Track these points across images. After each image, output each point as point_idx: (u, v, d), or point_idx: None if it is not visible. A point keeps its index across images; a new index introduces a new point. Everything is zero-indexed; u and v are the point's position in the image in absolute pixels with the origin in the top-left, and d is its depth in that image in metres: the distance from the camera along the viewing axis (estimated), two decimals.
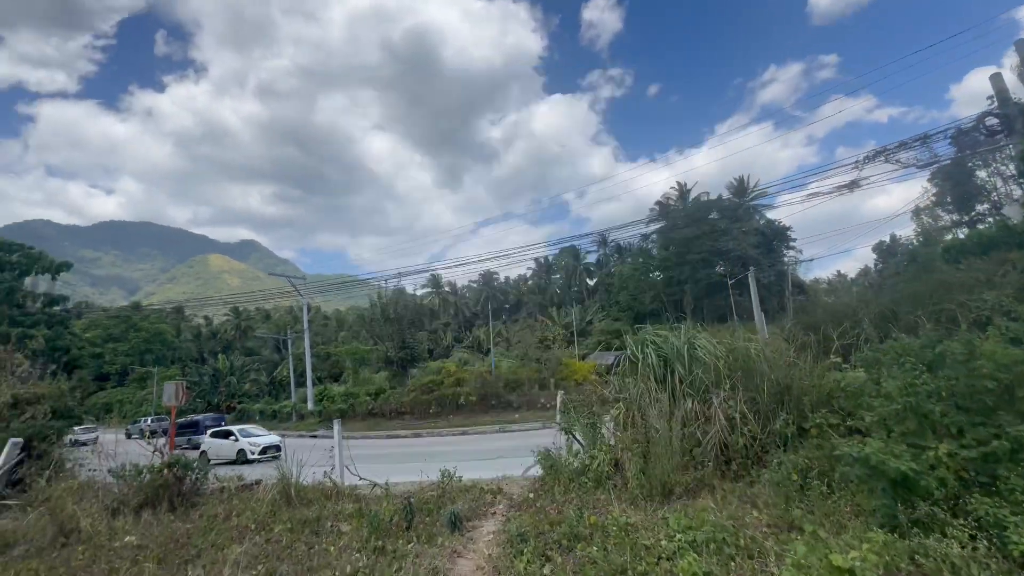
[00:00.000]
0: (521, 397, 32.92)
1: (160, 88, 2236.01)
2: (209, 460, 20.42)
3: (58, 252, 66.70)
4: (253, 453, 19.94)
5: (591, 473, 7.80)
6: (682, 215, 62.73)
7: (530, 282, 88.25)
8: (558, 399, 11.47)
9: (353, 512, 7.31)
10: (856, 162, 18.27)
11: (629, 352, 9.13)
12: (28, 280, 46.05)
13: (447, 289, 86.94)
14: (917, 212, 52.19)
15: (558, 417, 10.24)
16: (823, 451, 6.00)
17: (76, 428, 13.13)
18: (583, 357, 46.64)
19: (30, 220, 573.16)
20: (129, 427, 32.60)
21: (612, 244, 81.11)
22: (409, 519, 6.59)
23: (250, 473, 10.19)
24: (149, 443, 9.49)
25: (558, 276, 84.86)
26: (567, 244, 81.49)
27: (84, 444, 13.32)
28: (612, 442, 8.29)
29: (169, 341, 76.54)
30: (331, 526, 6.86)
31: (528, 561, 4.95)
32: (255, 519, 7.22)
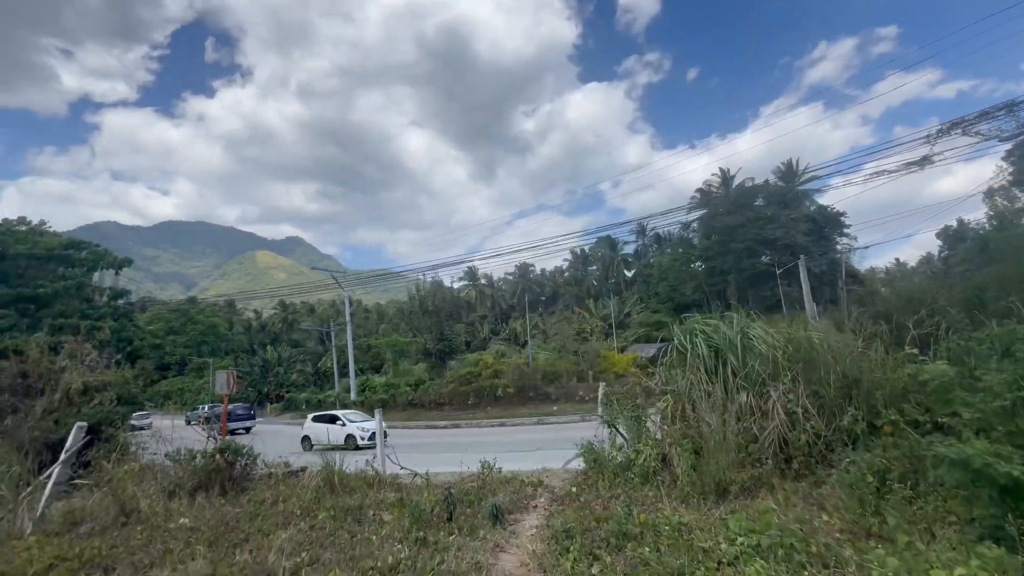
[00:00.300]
0: (559, 389, 32.62)
1: (210, 94, 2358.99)
2: (312, 446, 20.25)
3: (123, 251, 71.59)
4: (363, 439, 19.02)
5: (637, 468, 7.45)
6: (725, 202, 60.20)
7: (566, 274, 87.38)
8: (600, 391, 11.12)
9: (395, 501, 7.28)
10: (927, 136, 16.71)
11: (676, 342, 8.66)
12: (96, 276, 49.65)
13: (483, 281, 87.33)
14: (990, 193, 47.85)
15: (600, 409, 9.91)
16: (901, 450, 5.42)
17: (133, 414, 13.94)
18: (622, 349, 45.77)
19: (99, 222, 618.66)
20: (188, 414, 34.65)
21: (651, 234, 79.05)
22: (450, 510, 6.48)
23: (296, 460, 10.44)
24: (203, 429, 9.88)
25: (595, 267, 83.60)
26: (604, 233, 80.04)
27: (141, 429, 14.10)
28: (658, 436, 7.91)
29: (222, 333, 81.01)
30: (373, 515, 6.84)
31: (575, 560, 4.69)
32: (300, 505, 7.32)
